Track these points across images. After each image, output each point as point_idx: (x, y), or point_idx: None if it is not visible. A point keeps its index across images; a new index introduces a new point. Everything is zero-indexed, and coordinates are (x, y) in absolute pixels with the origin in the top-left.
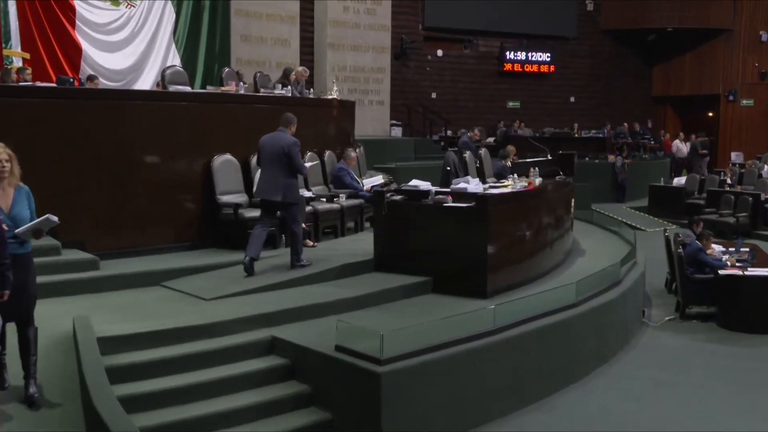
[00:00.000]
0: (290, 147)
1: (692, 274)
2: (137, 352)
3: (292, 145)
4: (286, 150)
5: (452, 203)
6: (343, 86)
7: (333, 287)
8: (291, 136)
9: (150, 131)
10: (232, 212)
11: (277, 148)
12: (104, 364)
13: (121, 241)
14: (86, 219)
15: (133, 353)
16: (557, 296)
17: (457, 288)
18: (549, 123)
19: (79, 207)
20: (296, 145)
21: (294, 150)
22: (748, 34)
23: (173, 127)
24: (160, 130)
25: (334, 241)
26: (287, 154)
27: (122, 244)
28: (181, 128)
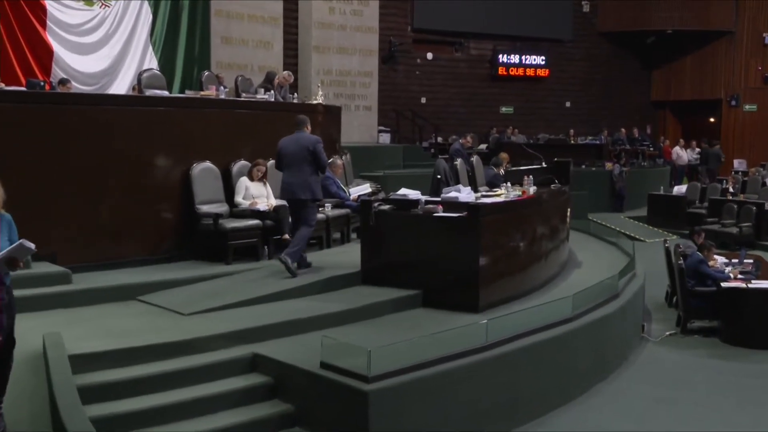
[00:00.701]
0: (315, 145)
1: (693, 286)
2: (111, 370)
3: (317, 142)
4: (311, 148)
5: (443, 213)
6: (329, 91)
7: (318, 301)
8: (313, 135)
9: (125, 138)
10: (211, 223)
11: (301, 148)
12: (76, 384)
13: (95, 253)
14: (58, 230)
15: (106, 372)
16: (553, 310)
17: (448, 302)
18: (544, 129)
19: (50, 217)
20: (320, 143)
21: (319, 147)
22: (750, 36)
23: (150, 133)
24: (136, 136)
25: (320, 253)
26: (313, 152)
27: (96, 257)
28: (159, 135)
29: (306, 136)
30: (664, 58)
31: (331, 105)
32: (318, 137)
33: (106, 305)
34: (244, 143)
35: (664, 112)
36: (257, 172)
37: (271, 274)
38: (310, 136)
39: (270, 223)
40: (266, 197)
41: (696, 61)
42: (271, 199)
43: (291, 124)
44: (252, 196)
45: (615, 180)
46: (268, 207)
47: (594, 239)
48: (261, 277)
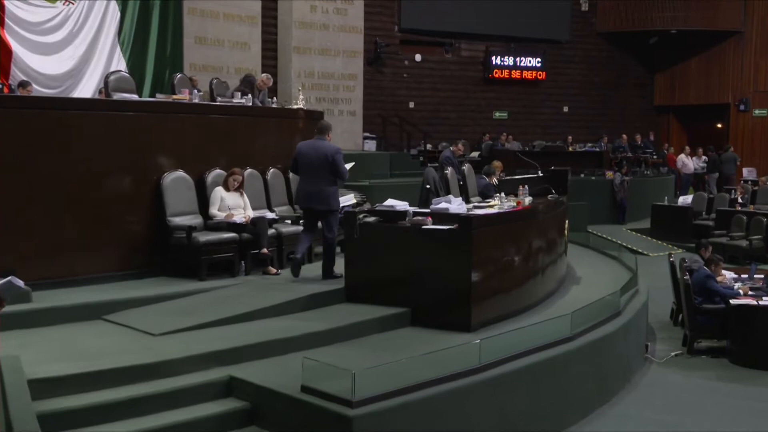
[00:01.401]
0: (334, 155)
1: (700, 304)
2: (75, 396)
3: (336, 152)
4: (331, 158)
5: (432, 225)
6: (310, 95)
7: (299, 320)
8: (333, 144)
9: (91, 145)
10: (184, 236)
11: (320, 157)
12: (36, 411)
13: (57, 269)
14: (17, 244)
15: (69, 398)
16: (550, 329)
17: (438, 320)
18: (540, 135)
19: (8, 230)
20: (340, 153)
21: (339, 158)
22: (760, 36)
23: (118, 140)
24: (103, 143)
25: (301, 268)
26: (332, 162)
27: (58, 273)
28: (127, 141)
29: (326, 145)
30: (667, 60)
31: (313, 110)
32: (338, 147)
33: (69, 325)
34: (220, 151)
35: (667, 117)
36: (233, 182)
37: (249, 291)
38: (329, 145)
39: (247, 236)
40: (243, 209)
41: (702, 63)
42: (249, 211)
43: (270, 131)
44: (228, 208)
45: (616, 190)
46: (245, 219)
47: (594, 253)
48: (237, 295)
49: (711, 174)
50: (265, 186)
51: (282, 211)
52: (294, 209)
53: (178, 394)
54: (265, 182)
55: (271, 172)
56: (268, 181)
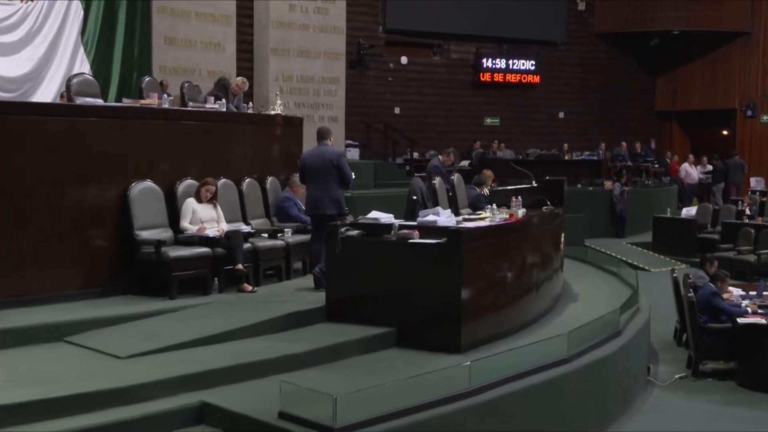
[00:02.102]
0: (339, 159)
1: (706, 322)
2: (33, 424)
3: (340, 156)
4: (336, 162)
5: (419, 239)
6: (289, 99)
7: (276, 341)
8: (336, 148)
9: (52, 153)
10: (153, 251)
11: (325, 162)
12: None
13: (14, 287)
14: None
15: (29, 426)
16: (545, 350)
17: (426, 341)
18: (534, 143)
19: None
20: (344, 156)
21: (343, 161)
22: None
23: (81, 148)
24: (65, 151)
25: (278, 286)
26: (337, 166)
27: (15, 291)
28: (91, 149)
29: (329, 150)
30: (669, 62)
31: (292, 116)
32: (341, 151)
33: (28, 348)
34: (192, 159)
35: (670, 123)
36: (206, 193)
37: (222, 310)
38: (333, 149)
39: (221, 251)
40: (216, 221)
41: (706, 66)
42: (223, 224)
43: (245, 138)
44: (200, 221)
45: (615, 201)
46: (218, 233)
47: (592, 268)
48: (210, 314)
49: (717, 184)
50: (240, 197)
51: (258, 224)
52: (271, 222)
53: (146, 422)
54: (241, 193)
55: (246, 182)
56: (243, 191)
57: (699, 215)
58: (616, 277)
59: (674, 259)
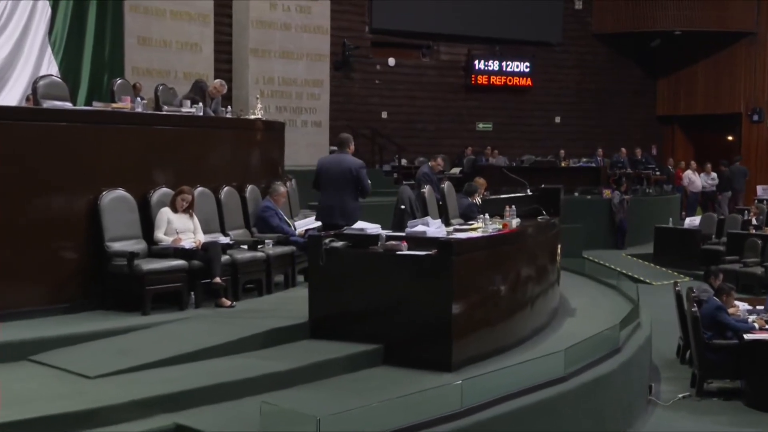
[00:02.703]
0: (359, 170)
1: (711, 339)
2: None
3: (361, 167)
4: (355, 173)
5: (408, 251)
6: (270, 103)
7: (256, 359)
8: (355, 158)
9: (17, 160)
10: (125, 263)
11: (343, 171)
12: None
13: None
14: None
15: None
16: (541, 368)
17: (415, 358)
18: (528, 149)
19: None
20: (363, 167)
21: (363, 173)
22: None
23: (48, 154)
24: (31, 158)
25: (258, 300)
26: (356, 177)
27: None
28: (59, 156)
29: (349, 159)
30: (671, 64)
31: (273, 120)
32: (362, 162)
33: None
34: (167, 167)
35: (672, 128)
36: (182, 202)
37: (199, 326)
38: (353, 159)
39: (198, 263)
40: (193, 232)
41: (710, 68)
42: (199, 235)
43: (223, 144)
44: (175, 231)
45: (614, 210)
46: (195, 244)
47: (590, 282)
48: (186, 331)
49: (723, 192)
50: (218, 206)
51: (237, 235)
52: (251, 233)
53: None
54: (219, 202)
55: (225, 190)
56: (221, 200)
57: (703, 225)
58: (616, 290)
59: (677, 272)
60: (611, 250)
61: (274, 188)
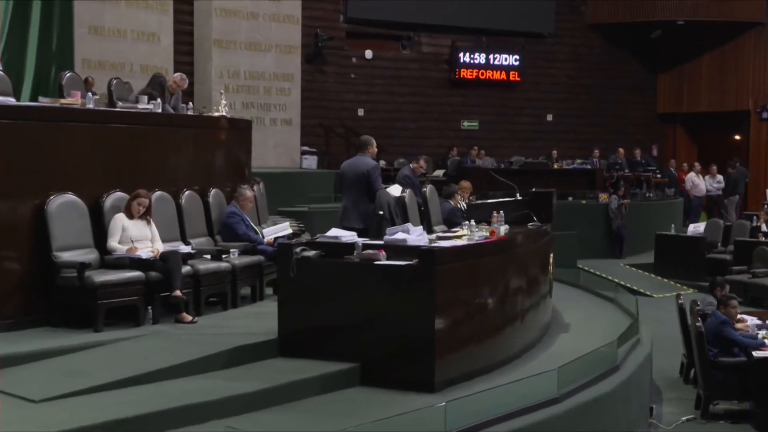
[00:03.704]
0: (370, 171)
1: (717, 356)
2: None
3: (372, 169)
4: (366, 174)
5: (386, 261)
6: (235, 99)
7: (221, 380)
8: (371, 160)
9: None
10: (75, 275)
11: (357, 173)
12: None
13: None
14: None
15: None
16: (532, 388)
17: (395, 378)
18: (518, 150)
19: None
20: (376, 169)
21: (374, 174)
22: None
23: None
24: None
25: (223, 315)
26: (367, 179)
27: None
28: (1, 157)
29: (363, 161)
30: (673, 57)
31: (239, 118)
32: (374, 163)
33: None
34: (121, 169)
35: (674, 127)
36: (138, 207)
37: (157, 343)
38: (367, 160)
39: (155, 275)
40: (150, 240)
41: (715, 61)
42: (158, 243)
43: (184, 144)
44: (131, 240)
45: (612, 216)
46: (153, 254)
47: (585, 294)
48: (143, 349)
49: (730, 196)
50: (178, 212)
51: (200, 244)
52: (215, 241)
53: None
54: (179, 208)
55: (185, 194)
56: (182, 206)
57: (708, 232)
58: (614, 303)
59: (680, 283)
60: (608, 260)
61: (240, 192)
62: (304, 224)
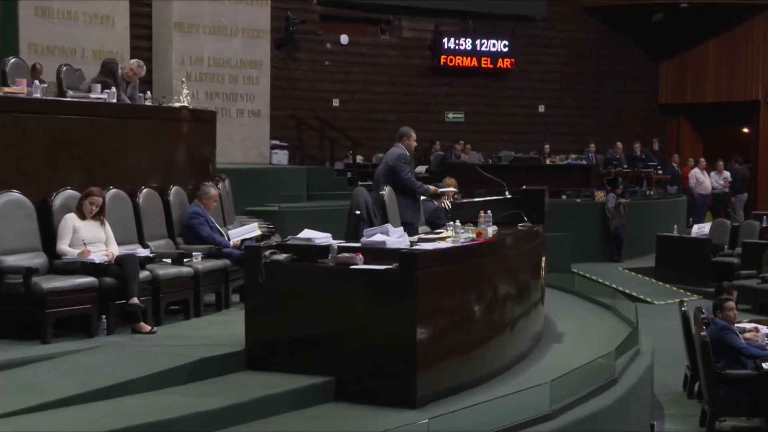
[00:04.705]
0: (394, 161)
1: (723, 368)
2: None
3: (396, 158)
4: (391, 164)
5: (364, 265)
6: (198, 88)
7: (183, 395)
8: (399, 149)
9: None
10: (21, 282)
11: (385, 166)
12: None
13: None
14: None
15: None
16: (522, 404)
17: (373, 393)
18: (507, 144)
19: None
20: (400, 159)
21: (398, 164)
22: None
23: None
24: None
25: (185, 324)
26: (392, 169)
27: None
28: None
29: (391, 152)
30: (677, 43)
31: (202, 109)
32: (402, 152)
33: None
34: (72, 164)
35: (676, 119)
36: (91, 207)
37: (113, 356)
38: (393, 151)
39: (110, 281)
40: (105, 243)
41: (722, 47)
42: (113, 246)
43: (142, 137)
44: (83, 242)
45: (609, 216)
46: (107, 258)
47: (580, 301)
48: (97, 362)
49: (738, 194)
50: (135, 212)
51: (159, 247)
52: (176, 244)
53: None
54: (136, 207)
55: (143, 193)
56: (139, 205)
57: (714, 234)
58: (611, 311)
59: (683, 289)
60: (605, 263)
61: (203, 191)
62: (273, 225)
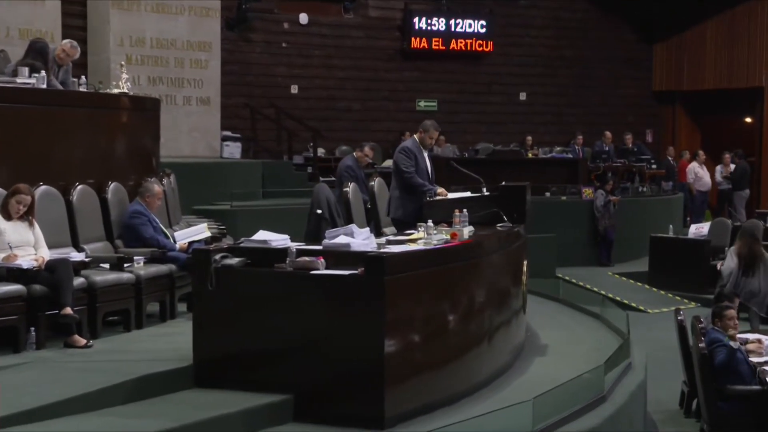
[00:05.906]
0: (396, 153)
1: (724, 384)
2: None
3: (398, 151)
4: (394, 158)
5: (326, 270)
6: (140, 72)
7: (122, 417)
8: (406, 142)
9: None
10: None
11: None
12: None
13: None
14: None
15: None
16: (503, 423)
17: (336, 413)
18: (485, 135)
19: None
20: (401, 151)
21: (398, 157)
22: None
23: None
24: None
25: (125, 337)
26: (394, 162)
27: None
28: None
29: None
30: (672, 25)
31: (144, 96)
32: (404, 145)
33: None
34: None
35: (672, 108)
36: (17, 206)
37: (43, 373)
38: (404, 144)
39: (40, 289)
40: (34, 246)
41: (721, 30)
42: (43, 250)
43: (76, 127)
44: (9, 246)
45: (598, 216)
46: (36, 263)
47: (566, 309)
48: (24, 381)
49: (739, 191)
50: (68, 212)
51: (95, 250)
52: (115, 247)
53: None
54: (69, 206)
55: (78, 190)
56: (73, 203)
57: (713, 234)
58: (600, 320)
59: (679, 296)
60: (593, 268)
61: (146, 187)
62: (225, 226)
